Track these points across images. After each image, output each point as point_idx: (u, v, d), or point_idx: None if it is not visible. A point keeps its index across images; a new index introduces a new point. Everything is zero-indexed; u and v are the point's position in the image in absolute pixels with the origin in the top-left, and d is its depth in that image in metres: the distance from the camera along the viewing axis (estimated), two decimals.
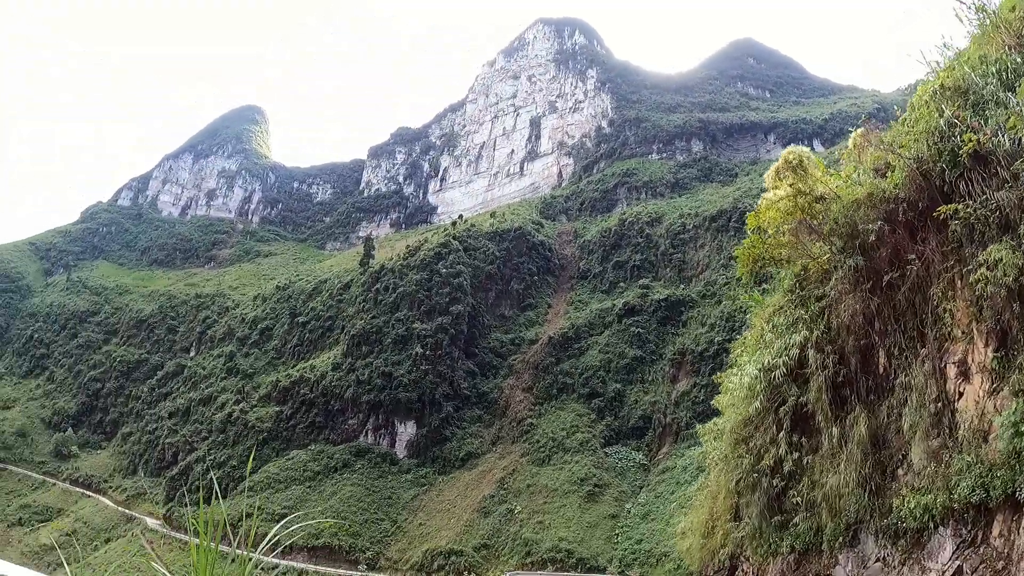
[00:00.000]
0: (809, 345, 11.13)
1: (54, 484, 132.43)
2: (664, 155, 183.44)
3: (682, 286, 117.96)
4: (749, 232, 13.42)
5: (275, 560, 78.64)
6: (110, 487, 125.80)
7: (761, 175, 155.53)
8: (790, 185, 11.93)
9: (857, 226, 10.48)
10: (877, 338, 10.30)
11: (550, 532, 75.45)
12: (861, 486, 9.90)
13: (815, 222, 11.41)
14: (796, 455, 11.33)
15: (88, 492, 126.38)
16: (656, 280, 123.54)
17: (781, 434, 11.55)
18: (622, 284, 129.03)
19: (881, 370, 10.35)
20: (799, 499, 11.29)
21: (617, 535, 72.69)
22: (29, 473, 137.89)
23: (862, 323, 10.38)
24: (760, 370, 11.91)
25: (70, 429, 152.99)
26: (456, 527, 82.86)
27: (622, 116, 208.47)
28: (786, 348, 11.51)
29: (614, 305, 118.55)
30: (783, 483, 11.65)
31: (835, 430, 10.55)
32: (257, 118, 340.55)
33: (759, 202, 12.93)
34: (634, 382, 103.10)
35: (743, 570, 13.35)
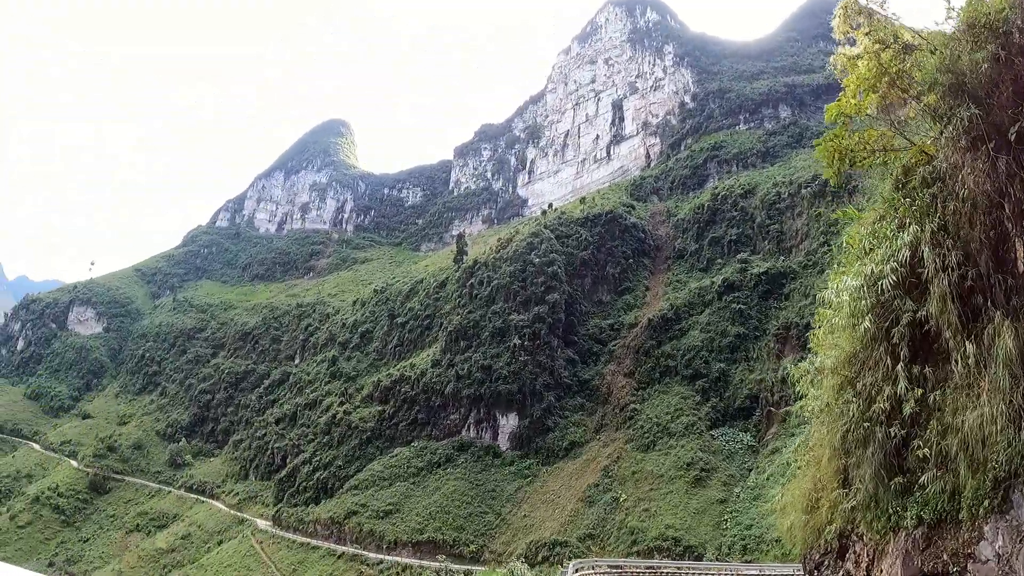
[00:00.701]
0: (922, 243, 8.31)
1: (169, 492, 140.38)
2: (752, 125, 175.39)
3: (782, 258, 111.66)
4: (829, 124, 10.58)
5: (380, 556, 79.19)
6: (223, 492, 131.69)
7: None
8: (866, 34, 9.08)
9: (961, 69, 7.68)
10: (1011, 223, 7.45)
11: (656, 520, 72.49)
12: (1012, 423, 7.09)
13: (908, 85, 8.59)
14: (919, 392, 8.48)
15: (202, 498, 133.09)
16: (754, 254, 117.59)
17: (897, 366, 8.65)
18: (720, 260, 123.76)
19: (1021, 265, 7.50)
20: (926, 451, 8.43)
21: (726, 521, 68.84)
22: (146, 483, 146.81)
23: (988, 200, 7.56)
24: (864, 282, 9.06)
25: (183, 439, 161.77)
26: (560, 518, 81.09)
27: (704, 89, 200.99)
28: (893, 252, 8.71)
29: (713, 283, 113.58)
30: (904, 432, 8.79)
31: (969, 349, 7.66)
32: (342, 131, 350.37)
33: (830, 60, 10.07)
34: (738, 361, 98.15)
35: (855, 551, 10.43)
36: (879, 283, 8.85)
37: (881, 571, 9.40)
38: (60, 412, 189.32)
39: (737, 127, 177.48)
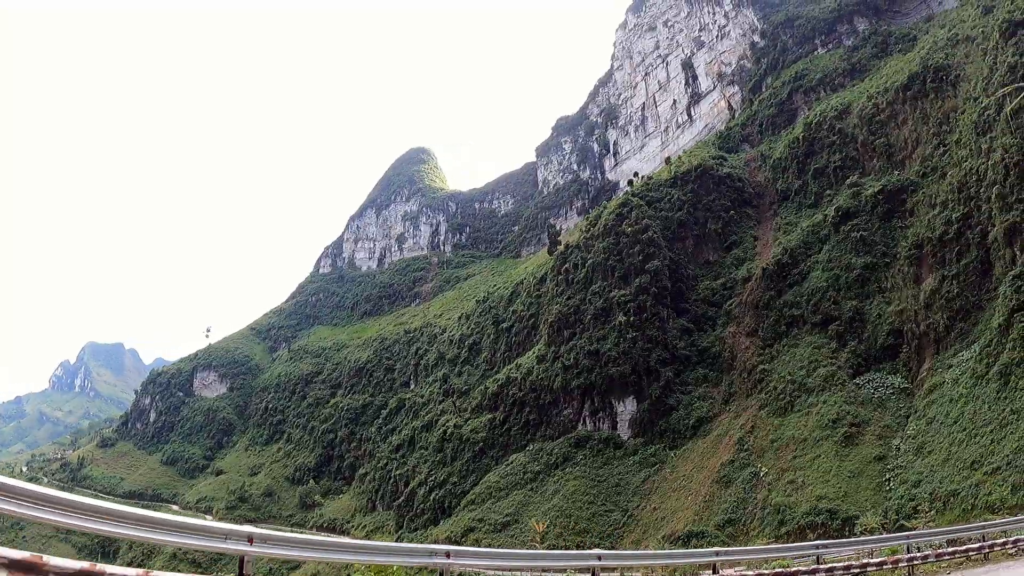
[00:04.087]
0: None
1: (301, 533, 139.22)
2: (830, 46, 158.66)
3: (896, 172, 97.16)
4: None
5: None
6: (352, 526, 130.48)
7: (943, 27, 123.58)
8: None
9: None
10: None
11: (805, 492, 61.75)
12: None
13: None
14: None
15: (332, 536, 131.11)
16: (864, 175, 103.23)
17: None
18: (828, 192, 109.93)
19: None
20: None
21: (888, 480, 57.24)
22: (278, 527, 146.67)
23: None
24: None
25: (311, 481, 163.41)
26: (694, 505, 71.76)
27: (771, 23, 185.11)
28: None
29: (825, 216, 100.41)
30: None
31: None
32: (424, 157, 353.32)
33: None
34: (871, 294, 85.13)
35: None
36: None
37: None
38: (196, 473, 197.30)
39: (815, 52, 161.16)
